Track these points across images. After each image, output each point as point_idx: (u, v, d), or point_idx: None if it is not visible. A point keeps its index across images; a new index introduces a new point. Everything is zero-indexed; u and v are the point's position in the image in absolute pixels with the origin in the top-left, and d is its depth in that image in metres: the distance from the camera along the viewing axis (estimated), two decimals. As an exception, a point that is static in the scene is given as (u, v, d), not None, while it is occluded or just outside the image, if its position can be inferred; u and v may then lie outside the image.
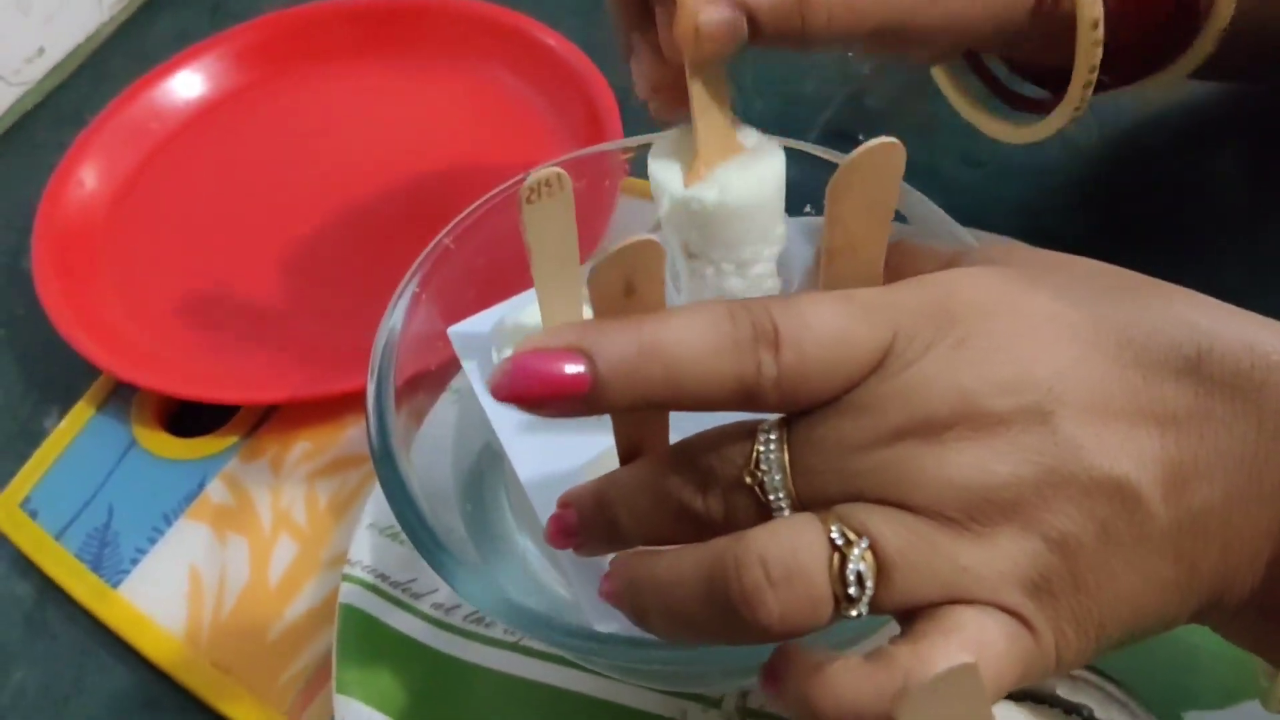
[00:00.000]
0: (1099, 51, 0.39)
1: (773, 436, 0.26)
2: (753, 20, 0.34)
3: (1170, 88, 0.44)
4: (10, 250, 0.61)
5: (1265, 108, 0.52)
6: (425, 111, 0.62)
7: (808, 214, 0.41)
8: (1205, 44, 0.42)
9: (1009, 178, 0.53)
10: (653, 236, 0.26)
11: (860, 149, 0.27)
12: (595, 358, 0.26)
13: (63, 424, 0.52)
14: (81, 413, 0.52)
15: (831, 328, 0.26)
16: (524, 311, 0.39)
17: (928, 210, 0.39)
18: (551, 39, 0.61)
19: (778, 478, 0.26)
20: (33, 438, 0.53)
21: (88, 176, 0.61)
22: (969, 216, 0.47)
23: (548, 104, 0.60)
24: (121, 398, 0.52)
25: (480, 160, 0.59)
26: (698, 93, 0.34)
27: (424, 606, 0.42)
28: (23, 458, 0.52)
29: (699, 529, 0.27)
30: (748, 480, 0.26)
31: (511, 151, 0.59)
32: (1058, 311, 0.26)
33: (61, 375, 0.55)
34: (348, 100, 0.64)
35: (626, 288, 0.26)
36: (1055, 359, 0.26)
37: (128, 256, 0.58)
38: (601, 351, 0.26)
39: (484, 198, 0.41)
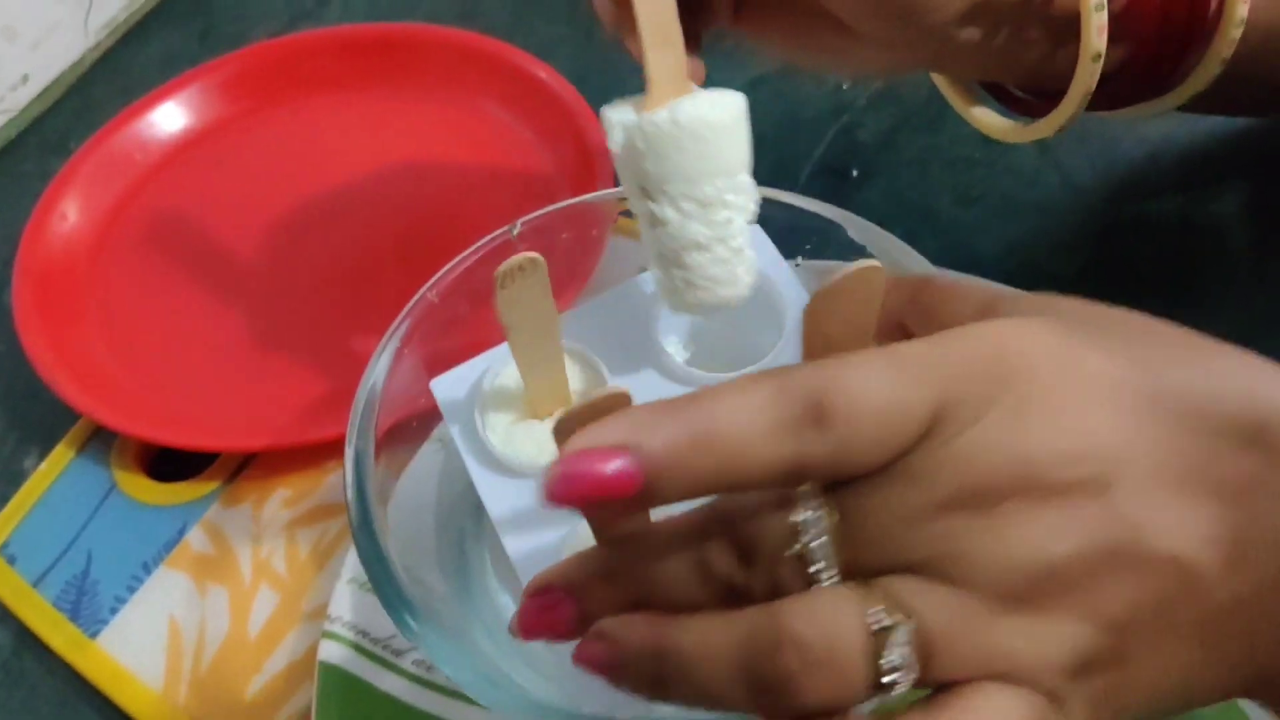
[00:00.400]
0: (1095, 81, 0.39)
1: (815, 504, 0.25)
2: None
3: (1163, 113, 0.43)
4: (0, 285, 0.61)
5: (1267, 145, 0.51)
6: (414, 144, 0.61)
7: (797, 265, 0.40)
8: (1210, 67, 0.41)
9: (1004, 215, 0.52)
10: (622, 388, 0.25)
11: (840, 274, 0.26)
12: (646, 454, 0.24)
13: (43, 466, 0.51)
14: (62, 455, 0.51)
15: (883, 396, 0.24)
16: (504, 372, 0.38)
17: (913, 261, 0.38)
18: (543, 71, 0.60)
19: (826, 548, 0.25)
20: (12, 478, 0.52)
21: (70, 210, 0.60)
22: (964, 254, 0.47)
23: (537, 137, 0.59)
24: (103, 440, 0.51)
25: (469, 195, 0.58)
26: (646, 22, 0.33)
27: (405, 664, 0.41)
28: (2, 499, 0.51)
29: (732, 599, 0.26)
30: (793, 549, 0.25)
31: (501, 185, 0.58)
32: (1114, 374, 0.25)
33: (43, 415, 0.54)
34: (335, 132, 0.63)
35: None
36: (1116, 427, 0.25)
37: (111, 294, 0.57)
38: (652, 447, 0.24)
39: (467, 251, 0.40)
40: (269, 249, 0.57)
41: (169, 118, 0.64)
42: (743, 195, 0.34)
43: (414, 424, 0.41)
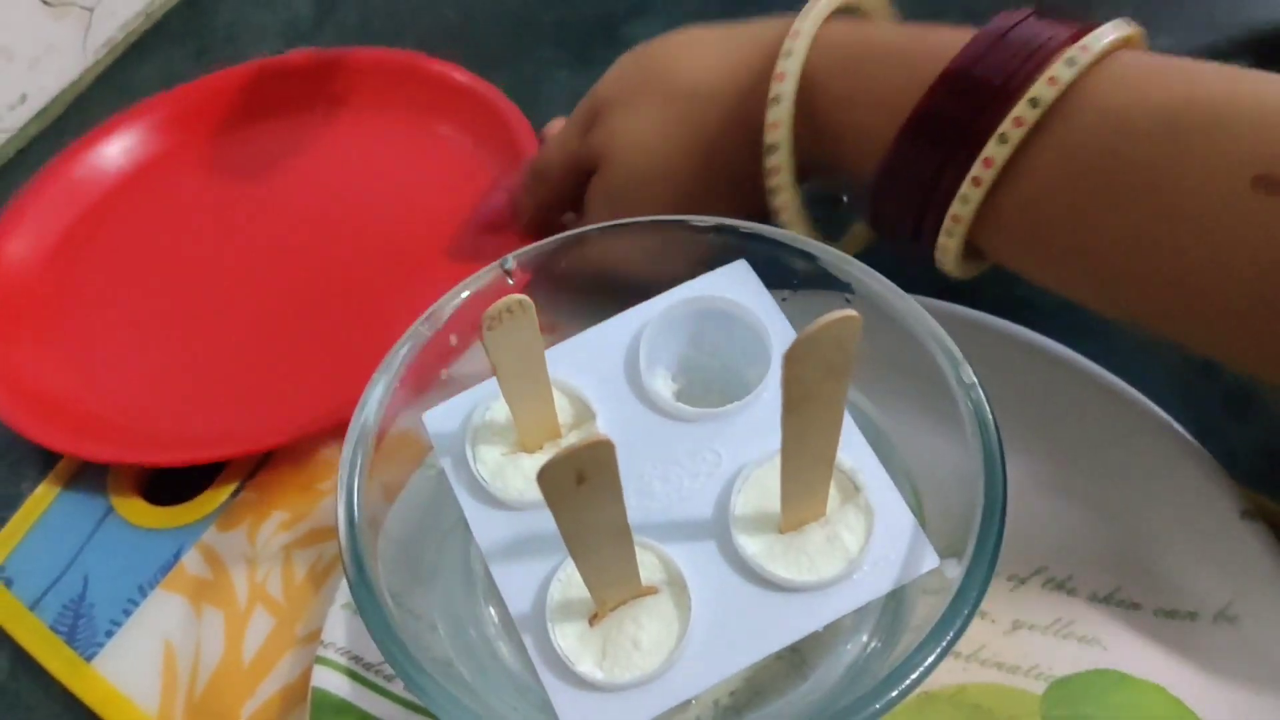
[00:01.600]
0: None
1: None
2: None
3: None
4: (-10, 305, 0.61)
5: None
6: (368, 164, 0.62)
7: (784, 300, 0.40)
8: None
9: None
10: (604, 436, 0.26)
11: (816, 324, 0.27)
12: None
13: (39, 489, 0.52)
14: (58, 477, 0.52)
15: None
16: (495, 406, 0.39)
17: (887, 290, 0.39)
18: (481, 87, 0.62)
19: None
20: (9, 501, 0.53)
21: (16, 246, 0.60)
22: (947, 282, 0.47)
23: (488, 154, 0.61)
24: (98, 464, 0.52)
25: (424, 209, 0.59)
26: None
27: (397, 689, 0.42)
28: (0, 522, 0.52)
29: None
30: None
31: (455, 200, 0.59)
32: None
33: (40, 436, 0.55)
34: (291, 157, 0.63)
35: (578, 477, 0.27)
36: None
37: (68, 327, 0.58)
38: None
39: (463, 283, 0.41)
40: (231, 269, 0.58)
41: (119, 148, 0.64)
42: None
43: (407, 453, 0.41)
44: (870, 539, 0.35)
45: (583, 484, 0.27)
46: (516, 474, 0.37)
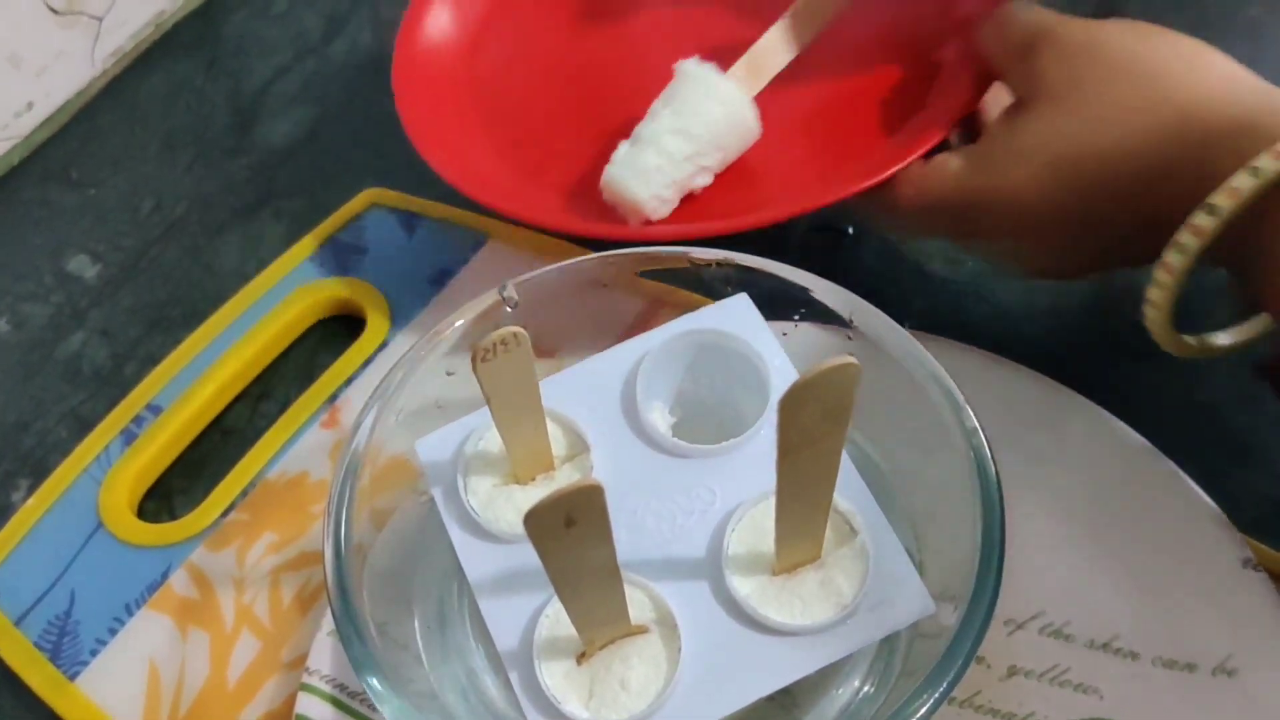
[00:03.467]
0: None
1: None
2: None
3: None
4: (-12, 313, 0.61)
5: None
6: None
7: (784, 335, 0.40)
8: None
9: (994, 278, 0.52)
10: (596, 481, 0.26)
11: (815, 370, 0.27)
12: None
13: (30, 502, 0.51)
14: (50, 491, 0.51)
15: None
16: (488, 436, 0.38)
17: (888, 329, 0.38)
18: None
19: None
20: (0, 511, 0.52)
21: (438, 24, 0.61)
22: (953, 317, 0.47)
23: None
24: (91, 477, 0.51)
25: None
26: None
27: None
28: (-11, 533, 0.51)
29: None
30: None
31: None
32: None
33: (34, 446, 0.55)
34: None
35: (566, 520, 0.27)
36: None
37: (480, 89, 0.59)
38: None
39: (461, 309, 0.40)
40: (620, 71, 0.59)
41: None
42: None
43: (398, 480, 0.41)
44: (865, 583, 0.35)
45: (572, 527, 0.27)
46: (508, 506, 0.37)
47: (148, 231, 0.63)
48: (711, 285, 0.42)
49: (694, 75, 0.50)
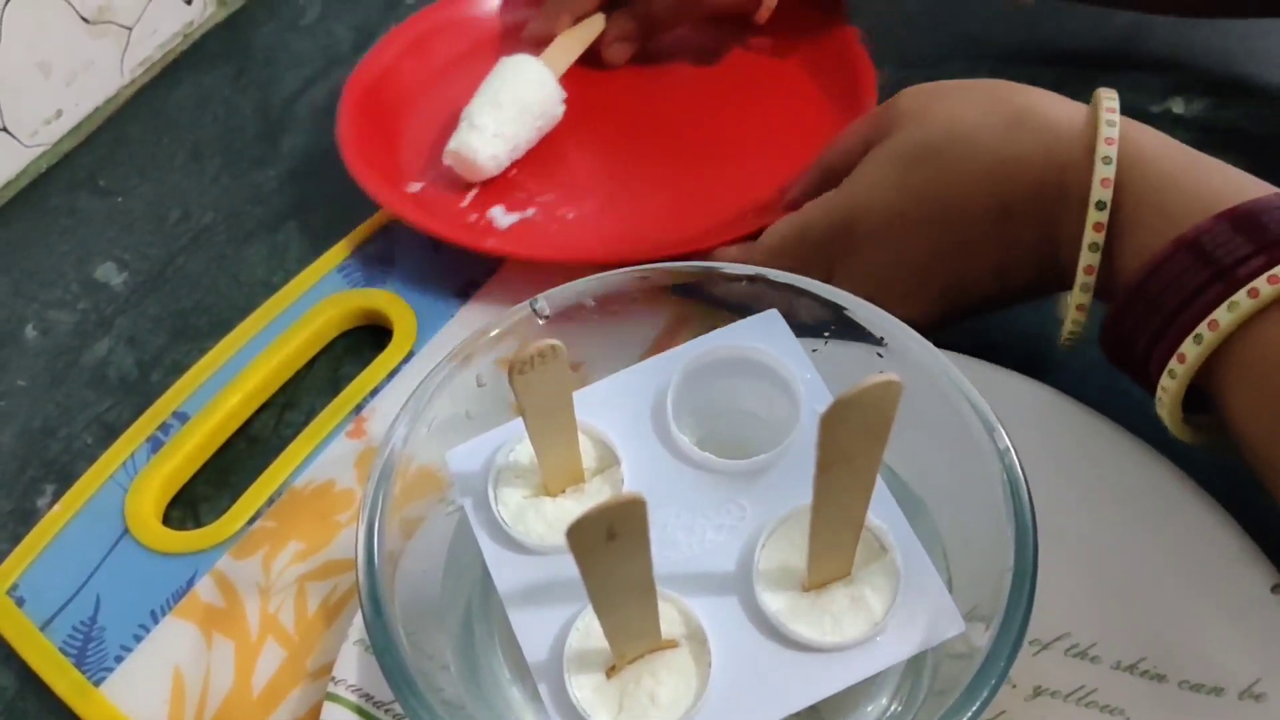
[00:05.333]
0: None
1: None
2: None
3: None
4: (18, 318, 0.61)
5: None
6: (721, 69, 0.68)
7: (814, 351, 0.40)
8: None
9: (1030, 308, 0.52)
10: (638, 494, 0.26)
11: (857, 387, 0.27)
12: None
13: (57, 507, 0.51)
14: (76, 496, 0.51)
15: None
16: (519, 448, 0.38)
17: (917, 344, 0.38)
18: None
19: None
20: (25, 517, 0.53)
21: (404, 61, 0.67)
22: (978, 338, 0.47)
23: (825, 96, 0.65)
24: (118, 483, 0.52)
25: (750, 124, 0.64)
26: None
27: (408, 730, 0.41)
28: (14, 537, 0.51)
29: None
30: None
31: (772, 128, 0.64)
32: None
33: (60, 452, 0.55)
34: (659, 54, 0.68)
35: (608, 534, 0.27)
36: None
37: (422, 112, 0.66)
38: None
39: (493, 320, 0.40)
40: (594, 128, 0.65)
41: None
42: None
43: (428, 489, 0.41)
44: (896, 601, 0.35)
45: (613, 540, 0.27)
46: (538, 518, 0.37)
47: (174, 240, 0.63)
48: (741, 302, 0.42)
49: (510, 62, 0.62)
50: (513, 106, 0.60)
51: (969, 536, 0.37)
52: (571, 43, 0.65)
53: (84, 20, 0.69)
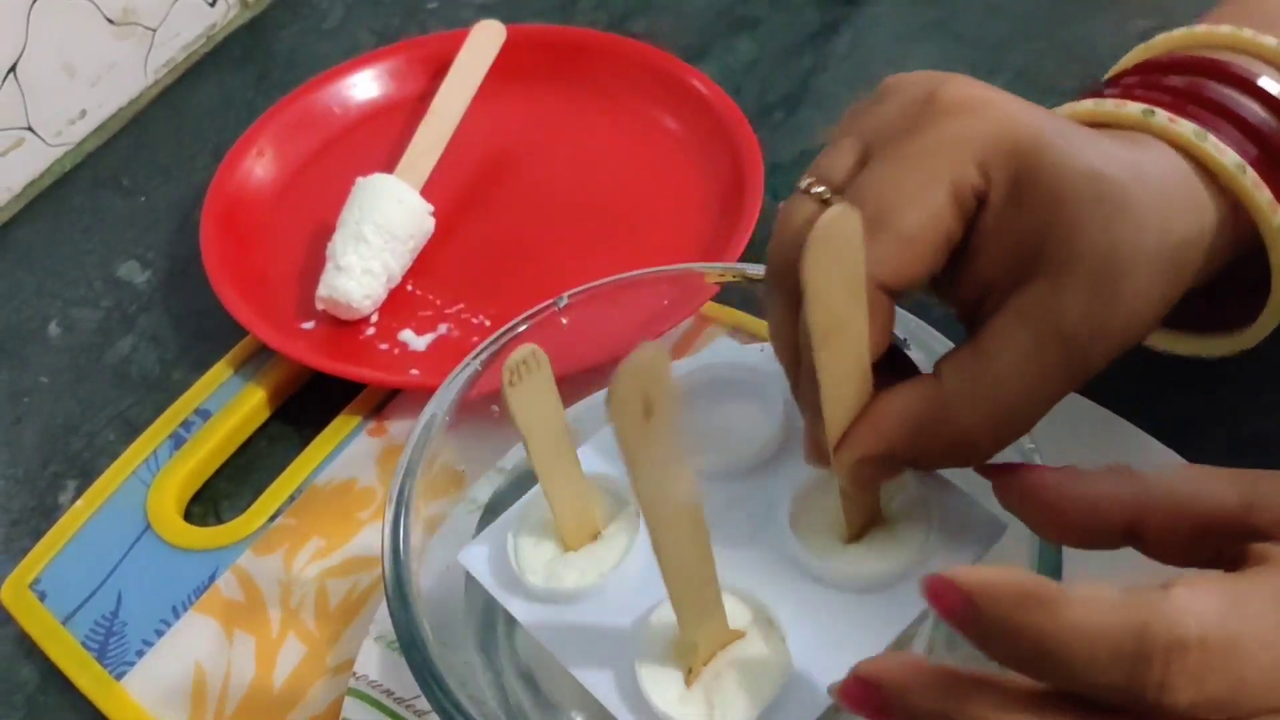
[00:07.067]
0: None
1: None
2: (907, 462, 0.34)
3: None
4: (41, 316, 0.61)
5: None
6: (585, 139, 0.65)
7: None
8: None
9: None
10: (656, 346, 0.26)
11: (823, 218, 0.28)
12: None
13: (79, 503, 0.52)
14: (98, 492, 0.52)
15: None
16: (528, 519, 0.39)
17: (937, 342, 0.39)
18: (706, 87, 0.64)
19: None
20: (47, 512, 0.53)
21: (258, 165, 0.64)
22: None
23: (700, 153, 0.63)
24: (140, 479, 0.52)
25: (629, 193, 0.62)
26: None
27: (429, 726, 0.41)
28: (37, 533, 0.51)
29: None
30: None
31: (659, 192, 0.62)
32: None
33: (81, 449, 0.55)
34: (517, 119, 0.67)
35: (645, 409, 0.26)
36: None
37: (288, 233, 0.62)
38: None
39: (514, 320, 0.41)
40: (446, 209, 0.61)
41: (368, 82, 0.68)
42: None
43: (449, 486, 0.41)
44: (935, 523, 0.35)
45: (650, 417, 0.26)
46: (568, 569, 0.37)
47: (197, 240, 0.63)
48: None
49: (366, 185, 0.58)
50: (377, 237, 0.55)
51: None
52: (427, 147, 0.61)
53: (109, 21, 0.69)
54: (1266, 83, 0.39)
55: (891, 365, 0.34)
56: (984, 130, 0.33)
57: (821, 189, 0.34)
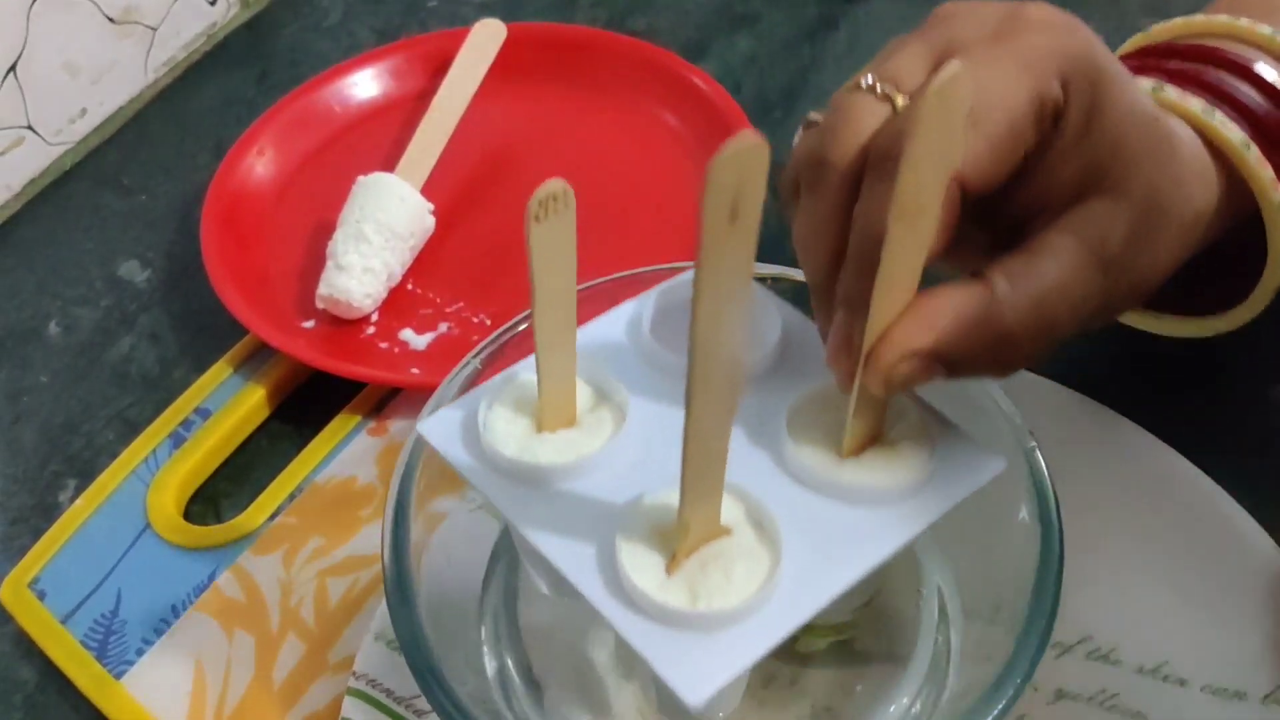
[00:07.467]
0: None
1: None
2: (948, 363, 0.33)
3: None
4: (41, 315, 0.61)
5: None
6: (586, 137, 0.65)
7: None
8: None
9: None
10: (759, 136, 0.23)
11: (943, 73, 0.26)
12: None
13: (79, 502, 0.52)
14: (98, 491, 0.52)
15: None
16: (501, 396, 0.37)
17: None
18: (706, 84, 0.64)
19: None
20: (47, 511, 0.53)
21: (258, 164, 0.64)
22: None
23: (700, 150, 0.63)
24: (139, 479, 0.52)
25: (629, 191, 0.62)
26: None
27: (428, 725, 0.41)
28: (36, 531, 0.51)
29: None
30: None
31: (659, 189, 0.62)
32: None
33: (82, 448, 0.55)
34: (517, 117, 0.67)
35: (732, 210, 0.24)
36: None
37: (287, 231, 0.62)
38: None
39: (521, 315, 0.41)
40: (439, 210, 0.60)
41: (368, 81, 0.68)
42: None
43: (448, 486, 0.41)
44: (935, 449, 0.34)
45: (734, 222, 0.24)
46: (545, 448, 0.35)
47: (197, 239, 0.63)
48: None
49: (366, 183, 0.58)
50: (377, 236, 0.56)
51: (992, 538, 0.37)
52: (428, 145, 0.61)
53: (109, 20, 0.69)
54: (1262, 69, 0.40)
55: None
56: (1070, 49, 0.33)
57: (887, 87, 0.34)
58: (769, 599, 0.31)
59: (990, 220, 0.36)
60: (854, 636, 0.40)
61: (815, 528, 0.33)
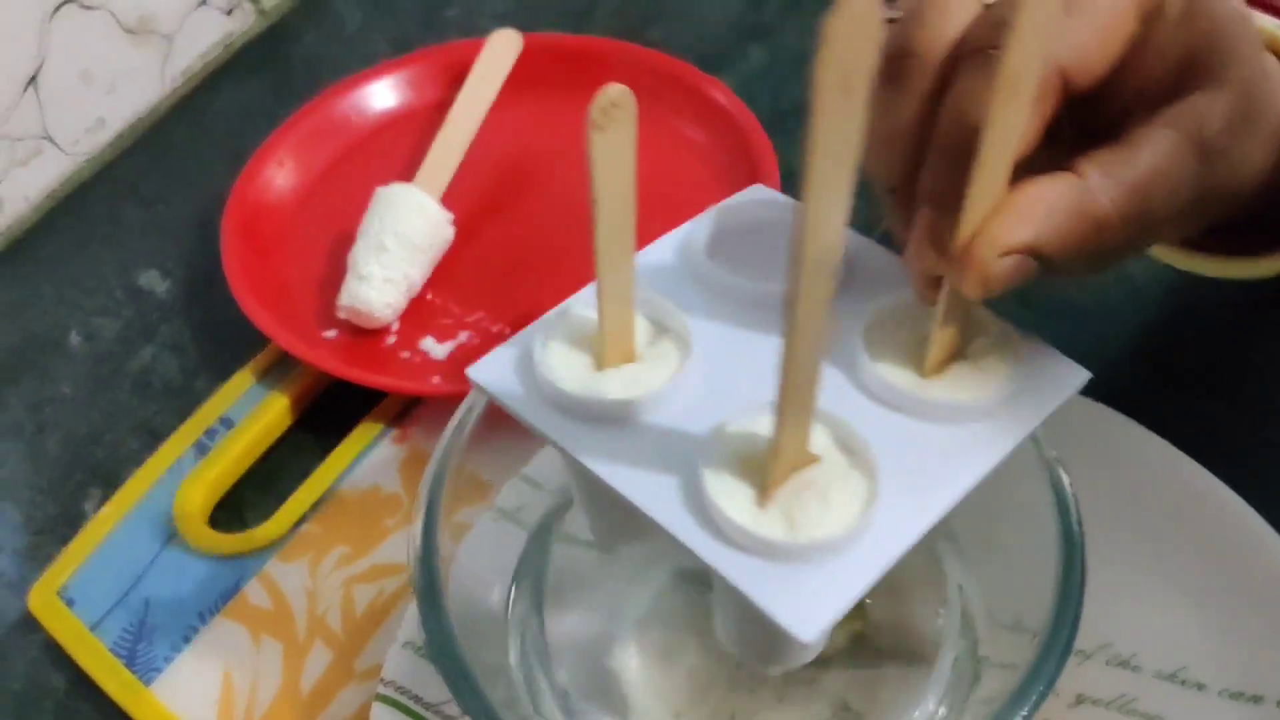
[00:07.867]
0: None
1: None
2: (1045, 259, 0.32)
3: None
4: (62, 326, 0.62)
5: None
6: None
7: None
8: None
9: (1063, 319, 0.52)
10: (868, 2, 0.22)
11: None
12: None
13: (105, 509, 0.52)
14: (124, 500, 0.52)
15: None
16: (556, 333, 0.36)
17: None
18: (723, 95, 0.65)
19: None
20: (72, 521, 0.53)
21: (278, 174, 0.65)
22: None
23: (717, 160, 0.63)
24: (164, 487, 0.52)
25: (646, 200, 0.60)
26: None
27: (457, 731, 0.42)
28: (62, 540, 0.52)
29: None
30: None
31: (677, 199, 0.59)
32: None
33: (106, 458, 0.56)
34: (534, 127, 0.67)
35: (845, 84, 0.23)
36: None
37: (306, 240, 0.63)
38: None
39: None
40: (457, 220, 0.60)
41: (385, 91, 0.69)
42: None
43: (474, 495, 0.41)
44: (1018, 364, 0.34)
45: (849, 95, 0.23)
46: (609, 383, 0.34)
47: (217, 248, 0.64)
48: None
49: (385, 194, 0.58)
50: (397, 247, 0.56)
51: (1014, 547, 0.38)
52: (446, 155, 0.62)
53: (126, 30, 0.70)
54: None
55: None
56: None
57: None
58: (870, 525, 0.30)
59: (1081, 121, 0.35)
60: (874, 637, 0.40)
61: (905, 449, 0.32)
